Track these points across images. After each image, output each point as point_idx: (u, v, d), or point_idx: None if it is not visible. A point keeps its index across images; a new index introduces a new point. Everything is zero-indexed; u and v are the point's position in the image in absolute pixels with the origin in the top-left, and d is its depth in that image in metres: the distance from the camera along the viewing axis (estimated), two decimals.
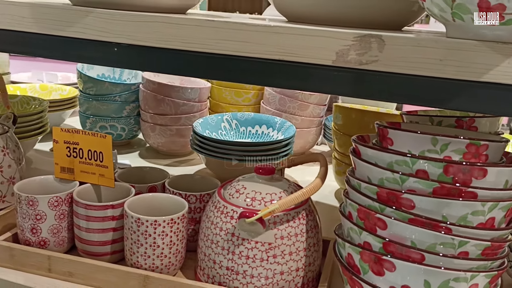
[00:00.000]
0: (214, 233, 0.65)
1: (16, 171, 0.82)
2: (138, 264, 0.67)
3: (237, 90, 1.31)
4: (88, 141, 0.73)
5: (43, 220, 0.70)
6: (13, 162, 0.80)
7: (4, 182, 0.80)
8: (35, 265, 0.69)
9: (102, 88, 1.18)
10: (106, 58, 0.66)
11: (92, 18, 0.64)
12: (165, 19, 0.60)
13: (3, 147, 0.76)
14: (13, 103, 1.13)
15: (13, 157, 0.81)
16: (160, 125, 1.18)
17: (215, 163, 1.03)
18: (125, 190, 0.74)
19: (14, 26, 0.67)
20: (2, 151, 0.75)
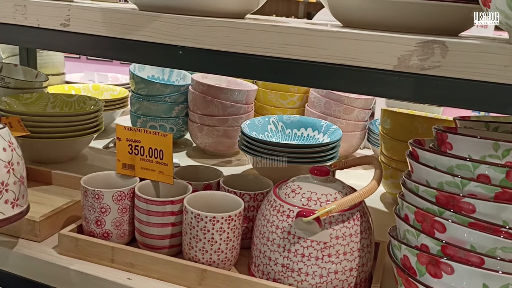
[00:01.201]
0: (270, 231, 0.68)
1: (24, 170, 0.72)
2: (196, 258, 0.70)
3: (282, 93, 1.33)
4: (149, 139, 0.76)
5: (107, 213, 0.74)
6: (21, 159, 0.71)
7: (16, 182, 0.69)
8: (98, 256, 0.73)
9: (153, 89, 1.23)
10: (171, 60, 0.69)
11: (159, 23, 0.67)
12: (232, 24, 0.63)
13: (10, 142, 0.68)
14: (70, 102, 1.19)
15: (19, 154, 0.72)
16: (207, 126, 1.21)
17: (262, 163, 1.06)
18: (183, 187, 0.77)
19: (87, 30, 0.71)
20: (9, 146, 0.67)
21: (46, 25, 0.74)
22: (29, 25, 0.75)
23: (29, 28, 0.75)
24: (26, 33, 0.76)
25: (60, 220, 0.82)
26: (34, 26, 0.75)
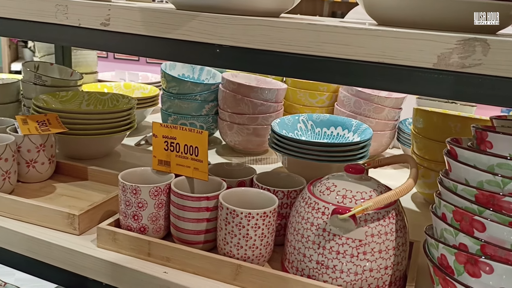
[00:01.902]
0: (305, 228, 0.68)
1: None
2: (231, 254, 0.71)
3: (312, 92, 1.33)
4: (185, 136, 0.78)
5: (144, 208, 0.75)
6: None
7: None
8: (136, 249, 0.75)
9: (184, 88, 1.25)
10: (208, 59, 0.70)
11: (197, 22, 0.69)
12: (270, 22, 0.63)
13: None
14: (104, 100, 1.22)
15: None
16: (237, 124, 1.22)
17: (293, 162, 1.06)
18: (217, 183, 0.79)
19: (126, 29, 0.73)
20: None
21: (87, 24, 0.76)
22: (70, 24, 0.77)
23: (70, 28, 0.77)
24: (67, 32, 0.78)
25: (98, 214, 0.84)
26: (75, 26, 0.77)
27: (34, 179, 0.96)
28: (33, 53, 4.68)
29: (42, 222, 0.82)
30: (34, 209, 0.82)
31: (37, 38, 0.84)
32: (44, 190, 0.95)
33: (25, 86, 1.21)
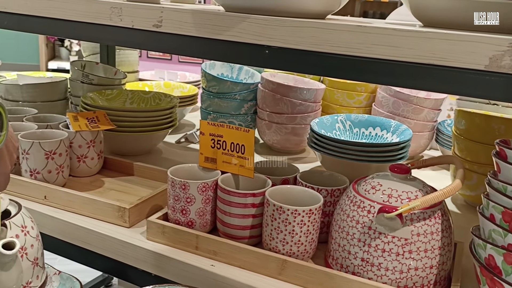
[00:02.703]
0: (350, 225, 0.69)
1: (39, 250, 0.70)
2: (276, 249, 0.73)
3: (349, 92, 1.34)
4: (232, 134, 0.80)
5: (192, 203, 0.78)
6: (35, 241, 0.69)
7: (29, 266, 0.66)
8: (184, 242, 0.78)
9: (224, 87, 1.27)
10: (258, 59, 0.72)
11: (247, 23, 0.71)
12: (318, 24, 0.65)
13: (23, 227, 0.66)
14: (147, 99, 1.26)
15: None
16: (276, 123, 1.24)
17: (331, 161, 1.07)
18: (262, 181, 0.81)
19: (178, 30, 0.76)
20: (22, 231, 0.65)
21: (140, 26, 0.79)
22: (124, 26, 0.81)
23: (124, 29, 0.81)
24: (121, 33, 0.82)
25: (146, 208, 0.87)
26: (128, 27, 0.80)
27: (84, 174, 1.01)
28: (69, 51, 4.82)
29: (94, 214, 0.86)
30: (87, 202, 0.86)
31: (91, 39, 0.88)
32: (93, 184, 0.99)
33: (73, 84, 1.26)
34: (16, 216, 0.65)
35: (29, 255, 0.65)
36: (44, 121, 1.04)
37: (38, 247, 0.67)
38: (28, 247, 0.65)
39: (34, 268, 0.66)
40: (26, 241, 0.65)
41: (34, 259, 0.66)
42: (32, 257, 0.65)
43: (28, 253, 0.65)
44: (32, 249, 0.66)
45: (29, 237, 0.66)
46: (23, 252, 0.64)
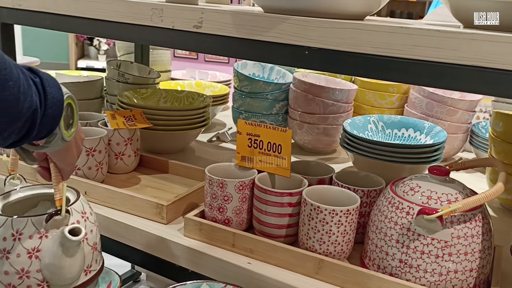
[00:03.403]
0: (388, 226, 0.70)
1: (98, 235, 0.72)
2: (313, 249, 0.74)
3: (381, 93, 1.33)
4: (269, 134, 0.81)
5: (229, 201, 0.80)
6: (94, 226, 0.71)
7: (88, 251, 0.67)
8: (220, 240, 0.79)
9: (256, 87, 1.28)
10: (297, 60, 0.73)
11: (287, 25, 0.71)
12: (360, 25, 0.65)
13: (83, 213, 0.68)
14: (180, 98, 1.28)
15: None
16: (308, 123, 1.25)
17: (364, 161, 1.07)
18: (298, 180, 0.81)
19: (217, 31, 0.77)
20: (82, 217, 0.67)
21: (180, 27, 0.81)
22: (165, 26, 0.82)
23: (164, 30, 0.83)
24: (161, 34, 0.83)
25: (182, 205, 0.89)
26: (169, 28, 0.82)
27: (121, 171, 1.03)
28: (98, 51, 4.91)
29: (133, 210, 0.88)
30: (126, 198, 0.88)
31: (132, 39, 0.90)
32: (130, 181, 1.02)
33: (109, 83, 1.29)
34: (76, 202, 0.67)
35: (89, 240, 0.67)
36: (83, 119, 1.07)
37: (96, 232, 0.70)
38: (88, 232, 0.67)
39: (94, 252, 0.67)
40: (86, 227, 0.66)
41: (94, 244, 0.68)
42: (92, 242, 0.67)
43: (89, 238, 0.67)
44: (91, 234, 0.67)
45: (88, 222, 0.67)
46: (84, 237, 0.65)
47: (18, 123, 0.49)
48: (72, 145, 0.63)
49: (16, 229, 0.61)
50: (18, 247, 0.61)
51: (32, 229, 0.62)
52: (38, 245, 0.62)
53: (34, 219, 0.62)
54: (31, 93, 0.50)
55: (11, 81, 0.46)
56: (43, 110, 0.52)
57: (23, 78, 0.49)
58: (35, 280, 0.62)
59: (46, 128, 0.53)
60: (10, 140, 0.50)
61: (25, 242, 0.61)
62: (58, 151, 0.61)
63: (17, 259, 0.61)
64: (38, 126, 0.51)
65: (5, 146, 0.52)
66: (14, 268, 0.61)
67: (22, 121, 0.49)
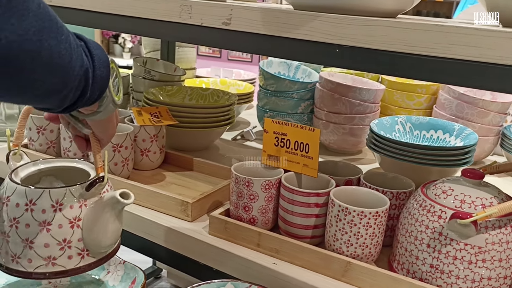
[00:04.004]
0: (419, 230, 0.68)
1: None
2: (340, 251, 0.73)
3: (409, 94, 1.31)
4: (296, 133, 0.80)
5: (255, 200, 0.79)
6: None
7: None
8: (246, 239, 0.79)
9: (282, 85, 1.27)
10: (327, 58, 0.72)
11: (318, 22, 0.70)
12: (393, 23, 0.64)
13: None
14: (205, 95, 1.28)
15: None
16: (333, 123, 1.23)
17: (391, 163, 1.05)
18: (325, 181, 0.80)
19: (246, 28, 0.76)
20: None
21: (209, 23, 0.80)
22: (193, 23, 0.82)
23: (193, 26, 0.82)
24: (190, 31, 0.83)
25: (207, 203, 0.88)
26: (197, 25, 0.82)
27: (146, 167, 1.03)
28: (122, 48, 4.97)
29: (158, 207, 0.88)
30: (151, 195, 0.88)
31: (160, 36, 0.90)
32: (155, 178, 1.02)
33: (135, 80, 1.30)
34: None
35: None
36: None
37: None
38: None
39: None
40: None
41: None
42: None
43: None
44: None
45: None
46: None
47: (73, 81, 0.48)
48: (113, 116, 0.64)
49: (56, 200, 0.62)
50: (59, 218, 0.62)
51: (72, 199, 0.63)
52: (79, 214, 0.63)
53: (72, 189, 0.63)
54: (81, 52, 0.49)
55: (63, 35, 0.46)
56: (92, 70, 0.51)
57: (72, 37, 0.48)
58: (76, 250, 0.63)
59: (98, 89, 0.53)
60: (67, 101, 0.50)
61: (66, 212, 0.62)
62: (101, 121, 0.61)
63: (59, 230, 0.62)
64: (90, 87, 0.51)
65: (61, 110, 0.52)
66: (56, 239, 0.62)
67: (77, 80, 0.49)
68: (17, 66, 0.42)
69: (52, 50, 0.44)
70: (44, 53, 0.43)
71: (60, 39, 0.45)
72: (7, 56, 0.41)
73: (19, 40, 0.41)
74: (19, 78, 0.43)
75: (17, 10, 0.40)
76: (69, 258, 0.63)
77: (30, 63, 0.43)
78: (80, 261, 0.64)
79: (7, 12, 0.40)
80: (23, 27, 0.41)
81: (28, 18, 0.41)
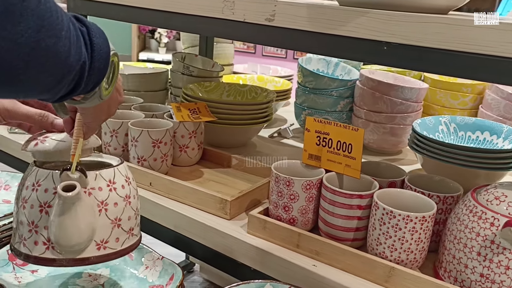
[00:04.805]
0: (469, 237, 0.65)
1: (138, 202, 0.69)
2: (383, 255, 0.70)
3: (454, 93, 1.26)
4: (339, 132, 0.78)
5: (296, 200, 0.77)
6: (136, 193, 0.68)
7: (131, 216, 0.66)
8: (285, 239, 0.77)
9: (321, 83, 1.25)
10: (374, 56, 0.69)
11: (366, 18, 0.68)
12: (448, 20, 0.61)
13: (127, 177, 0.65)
14: (243, 92, 1.27)
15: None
16: (374, 122, 1.20)
17: (434, 165, 1.01)
18: (368, 182, 0.78)
19: (290, 24, 0.75)
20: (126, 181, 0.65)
21: (252, 19, 0.79)
22: (236, 19, 0.81)
23: (235, 22, 0.81)
24: (232, 26, 0.82)
25: (245, 201, 0.88)
26: (240, 21, 0.81)
27: (185, 163, 1.04)
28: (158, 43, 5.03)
29: (196, 204, 0.87)
30: (190, 192, 0.88)
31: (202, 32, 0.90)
32: (193, 174, 1.02)
33: (173, 76, 1.30)
34: (107, 169, 0.63)
35: (108, 212, 0.62)
36: (150, 110, 1.08)
37: (125, 208, 0.64)
38: (110, 203, 0.62)
39: (114, 228, 0.62)
40: (109, 197, 0.62)
41: (115, 219, 0.63)
42: (112, 216, 0.62)
43: (108, 209, 0.62)
44: (114, 207, 0.62)
45: (114, 194, 0.63)
46: (102, 207, 0.61)
47: (68, 76, 0.46)
48: (104, 105, 0.59)
49: (37, 180, 0.60)
50: (33, 198, 0.60)
51: (50, 183, 0.60)
52: (51, 200, 0.59)
53: (55, 173, 0.60)
54: (80, 44, 0.47)
55: (63, 30, 0.43)
56: (89, 62, 0.48)
57: (73, 28, 0.45)
58: (42, 237, 0.60)
59: (92, 81, 0.50)
60: (59, 94, 0.48)
61: (40, 194, 0.60)
62: (88, 108, 0.57)
63: (31, 210, 0.60)
64: (85, 79, 0.48)
65: (53, 101, 0.50)
66: (27, 219, 0.60)
67: (72, 74, 0.46)
68: (10, 72, 0.40)
69: (49, 50, 0.42)
70: (39, 55, 0.41)
71: (59, 35, 0.43)
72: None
73: (12, 48, 0.39)
74: (11, 83, 0.41)
75: (14, 10, 0.38)
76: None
77: (24, 68, 0.41)
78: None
79: (2, 15, 0.37)
80: (18, 31, 0.38)
81: (26, 20, 0.39)
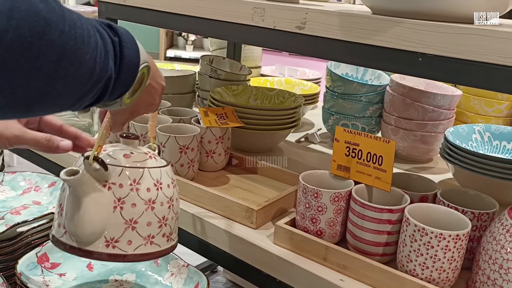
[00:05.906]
0: (505, 258, 0.62)
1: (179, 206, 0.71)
2: (414, 273, 0.68)
3: (488, 100, 1.22)
4: (369, 143, 0.76)
5: (323, 212, 0.76)
6: (178, 196, 0.70)
7: (173, 218, 0.68)
8: (311, 252, 0.76)
9: (350, 88, 1.23)
10: (408, 67, 0.67)
11: (400, 28, 0.66)
12: (487, 32, 0.59)
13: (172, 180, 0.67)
14: (271, 96, 1.25)
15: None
16: (404, 129, 1.17)
17: (467, 176, 0.98)
18: (398, 196, 0.76)
19: (322, 33, 0.73)
20: (172, 183, 0.67)
21: (282, 27, 0.78)
22: (266, 26, 0.80)
23: (265, 29, 0.80)
24: (261, 33, 0.81)
25: (272, 210, 0.87)
26: (270, 28, 0.79)
27: (211, 169, 1.03)
28: (186, 41, 5.06)
29: (222, 211, 0.87)
30: (216, 199, 0.87)
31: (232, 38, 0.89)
32: (219, 180, 1.01)
33: (201, 78, 1.30)
34: (133, 169, 0.64)
35: (124, 211, 0.61)
36: (177, 114, 1.08)
37: (145, 212, 0.63)
38: (128, 203, 0.62)
39: (127, 229, 0.62)
40: (128, 196, 0.62)
41: (130, 220, 0.62)
42: (127, 216, 0.62)
43: (125, 208, 0.61)
44: (132, 208, 0.62)
45: (135, 194, 0.63)
46: (118, 204, 0.61)
47: (90, 93, 0.46)
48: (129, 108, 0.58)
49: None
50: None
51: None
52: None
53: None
54: (108, 59, 0.46)
55: (88, 54, 0.42)
56: (116, 74, 0.48)
57: (101, 43, 0.44)
58: (63, 221, 0.62)
59: (117, 92, 0.50)
60: (81, 108, 0.48)
61: None
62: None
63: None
64: (110, 90, 0.48)
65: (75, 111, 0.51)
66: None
67: (95, 90, 0.46)
68: (27, 104, 0.40)
69: (69, 77, 0.41)
70: (58, 83, 0.41)
71: (82, 60, 0.42)
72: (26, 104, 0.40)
73: (27, 84, 0.38)
74: (28, 112, 0.41)
75: (32, 47, 0.37)
76: None
77: (40, 99, 0.40)
78: None
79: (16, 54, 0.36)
80: (35, 67, 0.38)
81: (45, 54, 0.38)
